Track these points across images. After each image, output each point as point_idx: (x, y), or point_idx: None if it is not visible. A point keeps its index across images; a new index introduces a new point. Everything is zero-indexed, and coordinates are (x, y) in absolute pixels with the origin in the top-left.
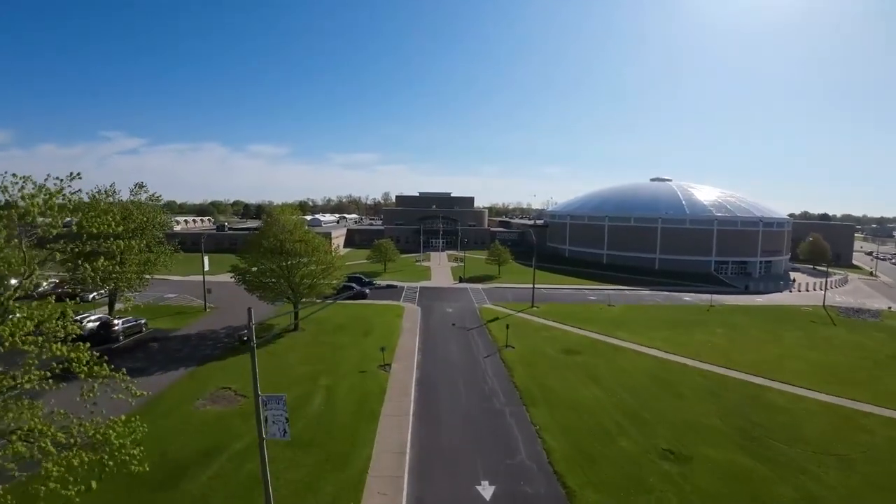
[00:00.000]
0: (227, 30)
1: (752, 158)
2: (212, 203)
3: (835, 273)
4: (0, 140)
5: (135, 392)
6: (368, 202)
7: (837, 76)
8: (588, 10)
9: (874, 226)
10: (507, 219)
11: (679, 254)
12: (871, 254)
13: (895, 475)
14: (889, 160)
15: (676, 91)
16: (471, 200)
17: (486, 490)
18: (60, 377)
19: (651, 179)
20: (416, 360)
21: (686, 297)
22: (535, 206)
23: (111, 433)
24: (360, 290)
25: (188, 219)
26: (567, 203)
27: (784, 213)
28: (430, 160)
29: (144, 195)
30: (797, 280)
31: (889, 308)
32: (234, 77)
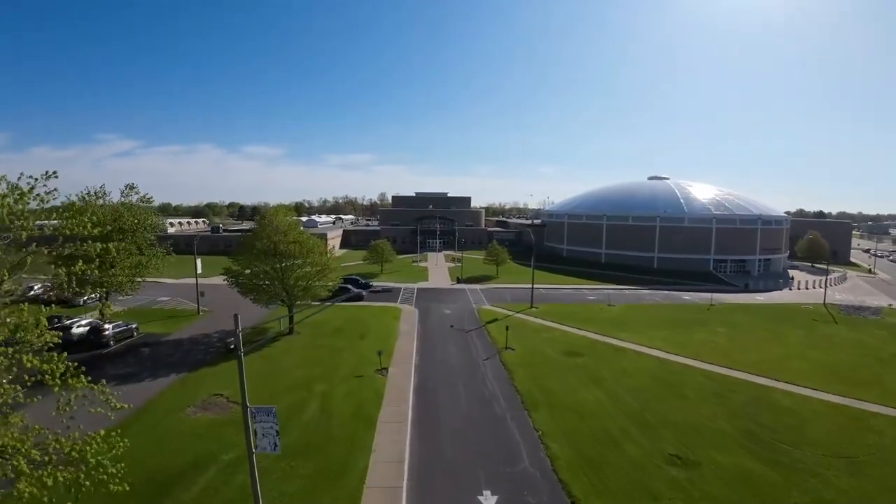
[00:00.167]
0: (223, 31)
1: (746, 157)
2: (207, 205)
3: (834, 271)
4: None
5: (115, 405)
6: (365, 203)
7: (833, 75)
8: (583, 9)
9: (870, 223)
10: (504, 218)
11: (678, 252)
12: (869, 251)
13: None
14: (884, 158)
15: (670, 89)
16: (468, 200)
17: (489, 500)
18: (36, 388)
19: (649, 178)
20: (414, 364)
21: (686, 296)
22: (532, 206)
23: (88, 450)
24: (357, 292)
25: (182, 221)
26: (564, 202)
27: (780, 211)
28: (427, 161)
29: (135, 196)
30: (796, 278)
31: (889, 305)
32: (230, 78)
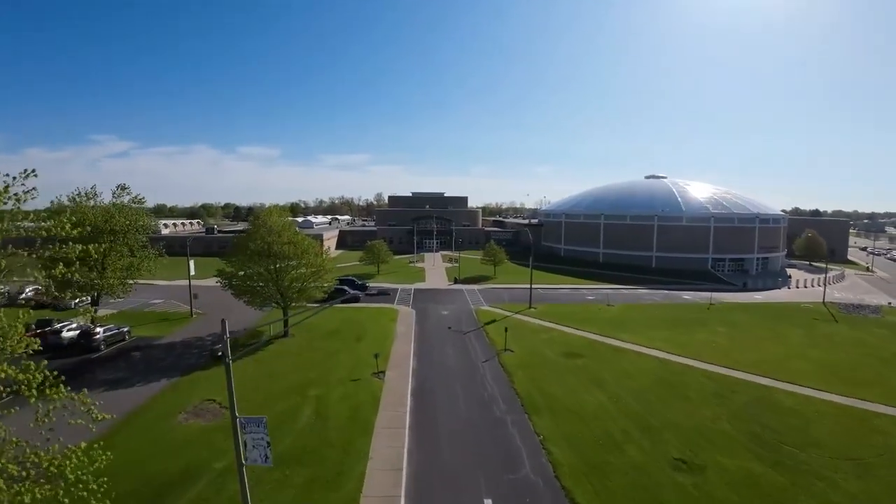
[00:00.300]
0: (218, 33)
1: (741, 156)
2: (202, 206)
3: (832, 269)
4: None
5: (96, 416)
6: (361, 203)
7: (829, 74)
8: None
9: (866, 221)
10: (501, 218)
11: (676, 252)
12: (866, 249)
13: None
14: (879, 157)
15: (665, 89)
16: (464, 200)
17: None
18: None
19: (646, 177)
20: (412, 367)
21: (685, 296)
22: (528, 206)
23: (67, 465)
24: (354, 294)
25: (176, 222)
26: (562, 202)
27: (777, 210)
28: (423, 161)
29: (127, 197)
30: (794, 276)
31: (889, 304)
32: (225, 79)
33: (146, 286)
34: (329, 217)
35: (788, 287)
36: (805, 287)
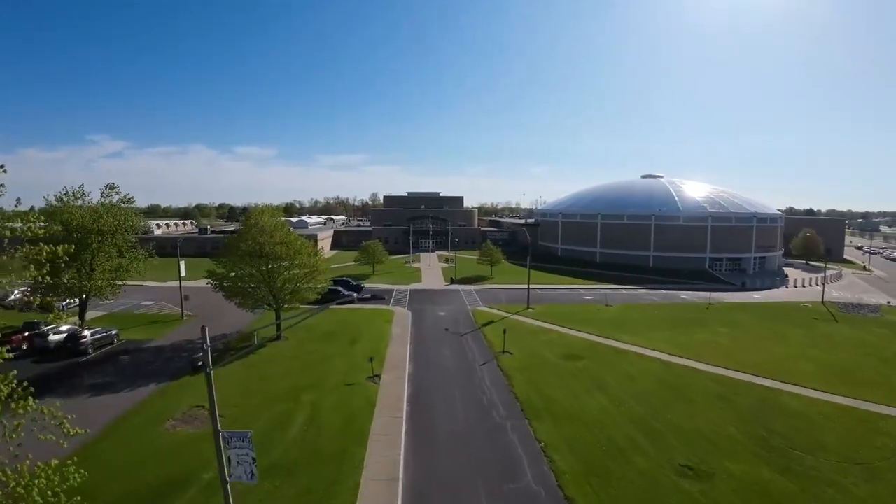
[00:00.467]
0: (214, 33)
1: (735, 155)
2: (196, 206)
3: (830, 268)
4: None
5: (68, 430)
6: (356, 203)
7: (821, 73)
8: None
9: (860, 220)
10: (497, 218)
11: (673, 251)
12: (861, 248)
13: None
14: (873, 156)
15: (661, 89)
16: (460, 200)
17: None
18: None
19: (642, 176)
20: (408, 371)
21: (684, 296)
22: (524, 206)
23: (36, 484)
24: (349, 294)
25: (169, 222)
26: (558, 201)
27: (774, 209)
28: (419, 161)
29: (116, 197)
30: (791, 276)
31: (888, 303)
32: (221, 79)
33: (137, 288)
34: (324, 217)
35: (786, 286)
36: (803, 286)
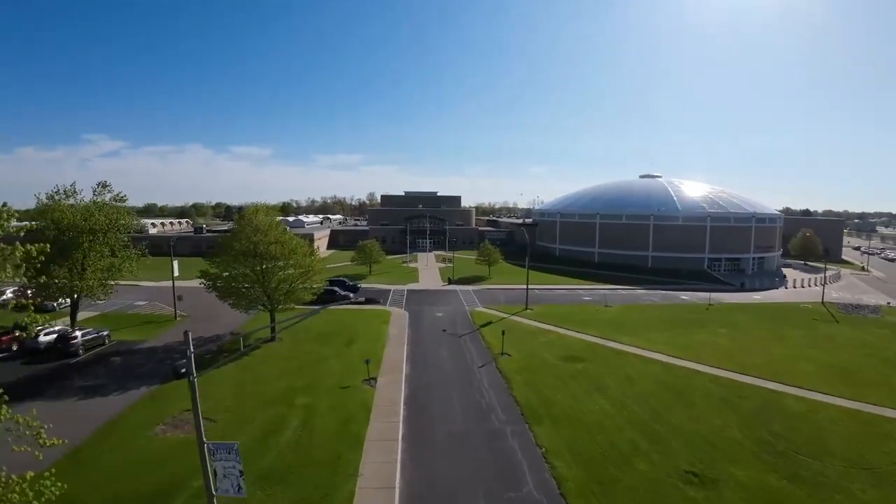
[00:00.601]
0: (213, 33)
1: (730, 155)
2: (193, 205)
3: (829, 269)
4: None
5: (45, 441)
6: (353, 203)
7: (819, 74)
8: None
9: (857, 221)
10: (495, 218)
11: (672, 251)
12: (859, 248)
13: None
14: (869, 157)
15: (659, 89)
16: (458, 199)
17: None
18: None
19: (641, 176)
20: (405, 373)
21: (683, 296)
22: (522, 206)
23: (7, 500)
24: (344, 295)
25: (165, 221)
26: (556, 201)
27: (773, 209)
28: (418, 161)
29: (108, 195)
30: (790, 276)
31: (888, 304)
32: (218, 79)
33: (131, 287)
34: (321, 216)
35: (786, 287)
36: (802, 287)
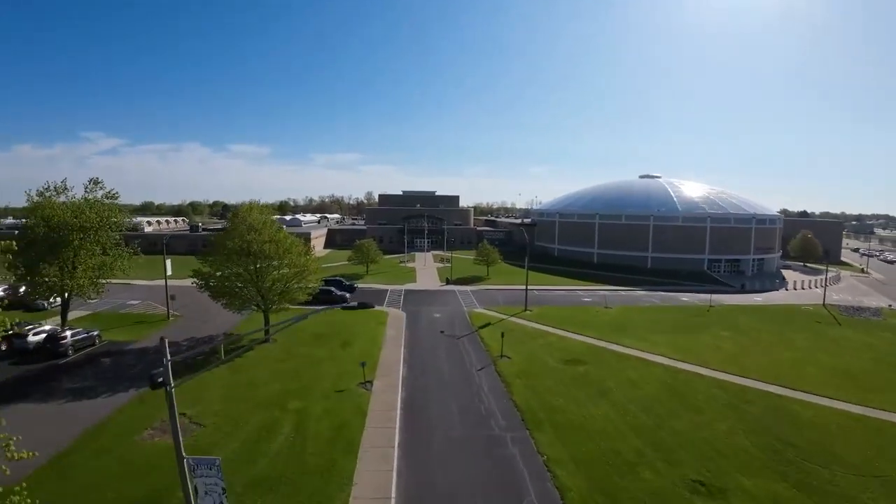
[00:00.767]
0: (209, 31)
1: (728, 156)
2: (190, 203)
3: (830, 270)
4: None
5: (13, 454)
6: (351, 202)
7: (817, 75)
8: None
9: (854, 222)
10: (493, 218)
11: (672, 252)
12: (858, 250)
13: None
14: (867, 158)
15: (658, 89)
16: (456, 199)
17: None
18: None
19: (640, 176)
20: (402, 376)
21: (684, 298)
22: (520, 206)
23: None
24: (340, 295)
25: (160, 219)
26: (555, 201)
27: (773, 210)
28: (417, 161)
29: (100, 192)
30: (790, 278)
31: (889, 306)
32: (217, 78)
33: (124, 286)
34: (318, 215)
35: (786, 289)
36: (802, 289)
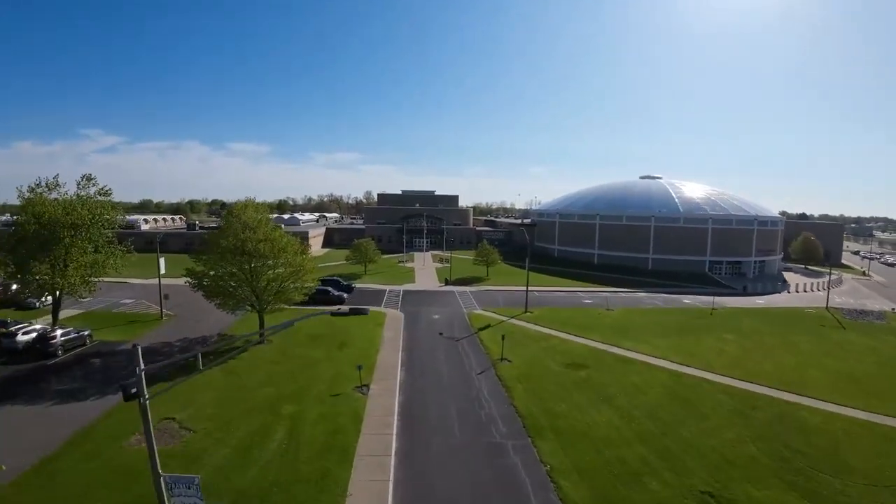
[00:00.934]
0: (209, 30)
1: (727, 157)
2: (189, 202)
3: (832, 273)
4: None
5: None
6: (350, 201)
7: (811, 75)
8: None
9: (853, 225)
10: (493, 218)
11: (673, 253)
12: (859, 253)
13: None
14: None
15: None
16: (455, 199)
17: None
18: None
19: (641, 177)
20: (399, 379)
21: (686, 300)
22: (519, 206)
23: None
24: (338, 296)
25: (157, 217)
26: (555, 201)
27: (775, 212)
28: (415, 160)
29: (93, 188)
30: (791, 280)
31: (892, 309)
32: (216, 75)
33: (118, 285)
34: (317, 214)
35: (788, 291)
36: (805, 291)
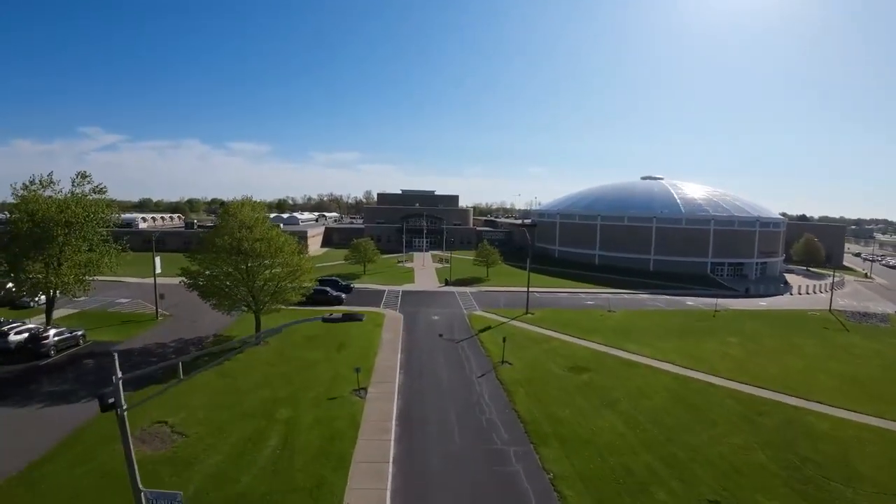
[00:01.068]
0: (209, 29)
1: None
2: (188, 201)
3: (836, 275)
4: None
5: None
6: (350, 200)
7: (811, 76)
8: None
9: (853, 227)
10: (493, 218)
11: (675, 255)
12: (859, 255)
13: None
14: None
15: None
16: (455, 199)
17: None
18: None
19: (642, 178)
20: (398, 382)
21: (688, 302)
22: (519, 206)
23: None
24: (336, 296)
25: (155, 216)
26: (556, 202)
27: (776, 213)
28: (415, 160)
29: (88, 186)
30: (793, 282)
31: None
32: (215, 74)
33: (114, 284)
34: (316, 214)
35: (790, 293)
36: (807, 293)
